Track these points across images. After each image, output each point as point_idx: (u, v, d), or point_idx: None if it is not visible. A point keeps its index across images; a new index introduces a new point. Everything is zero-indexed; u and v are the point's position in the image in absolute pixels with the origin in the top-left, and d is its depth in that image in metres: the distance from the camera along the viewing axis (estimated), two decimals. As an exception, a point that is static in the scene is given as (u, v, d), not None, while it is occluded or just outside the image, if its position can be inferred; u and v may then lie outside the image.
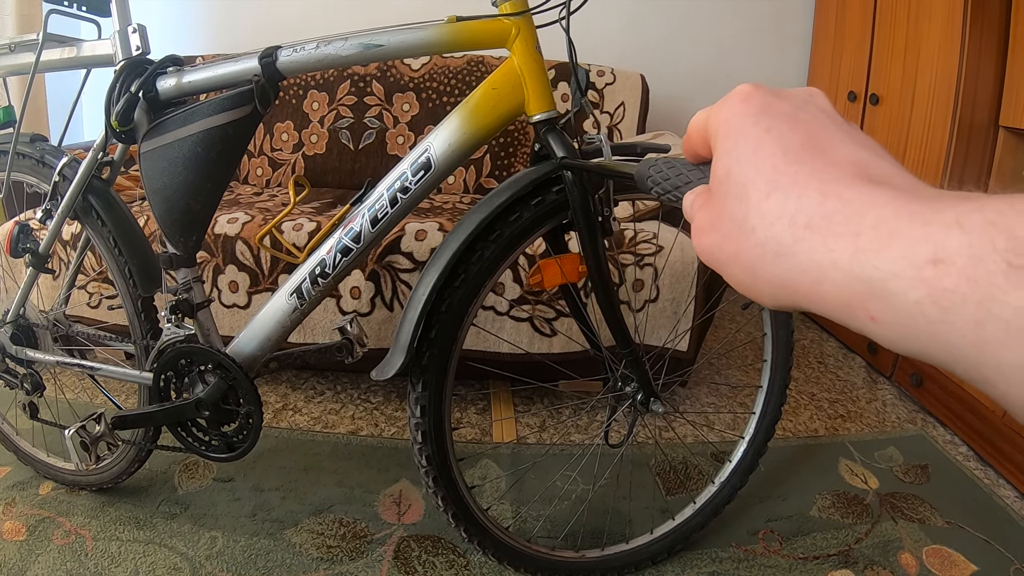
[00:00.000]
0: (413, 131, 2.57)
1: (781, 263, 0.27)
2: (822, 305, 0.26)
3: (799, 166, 0.27)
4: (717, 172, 0.31)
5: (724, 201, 0.30)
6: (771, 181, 0.28)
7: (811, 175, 0.27)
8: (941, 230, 0.22)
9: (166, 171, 1.11)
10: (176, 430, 1.24)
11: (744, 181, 0.29)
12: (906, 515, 1.55)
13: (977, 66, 2.06)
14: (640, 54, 3.00)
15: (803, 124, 0.29)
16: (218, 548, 1.37)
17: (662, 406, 1.21)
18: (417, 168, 1.05)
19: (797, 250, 0.26)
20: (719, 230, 0.30)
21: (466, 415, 1.96)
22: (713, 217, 0.31)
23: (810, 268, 0.26)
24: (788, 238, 0.26)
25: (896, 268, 0.22)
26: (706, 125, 0.34)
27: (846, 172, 0.26)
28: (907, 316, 0.22)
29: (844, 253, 0.24)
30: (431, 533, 1.44)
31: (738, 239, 0.29)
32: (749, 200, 0.28)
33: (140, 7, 1.32)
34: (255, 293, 1.80)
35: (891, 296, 0.23)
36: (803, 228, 0.26)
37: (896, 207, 0.24)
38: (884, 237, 0.23)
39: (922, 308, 0.22)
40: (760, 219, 0.28)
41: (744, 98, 0.31)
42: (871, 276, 0.23)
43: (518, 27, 1.02)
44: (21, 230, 1.36)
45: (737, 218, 0.29)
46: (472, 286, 1.08)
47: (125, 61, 1.15)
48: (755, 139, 0.29)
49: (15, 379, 1.41)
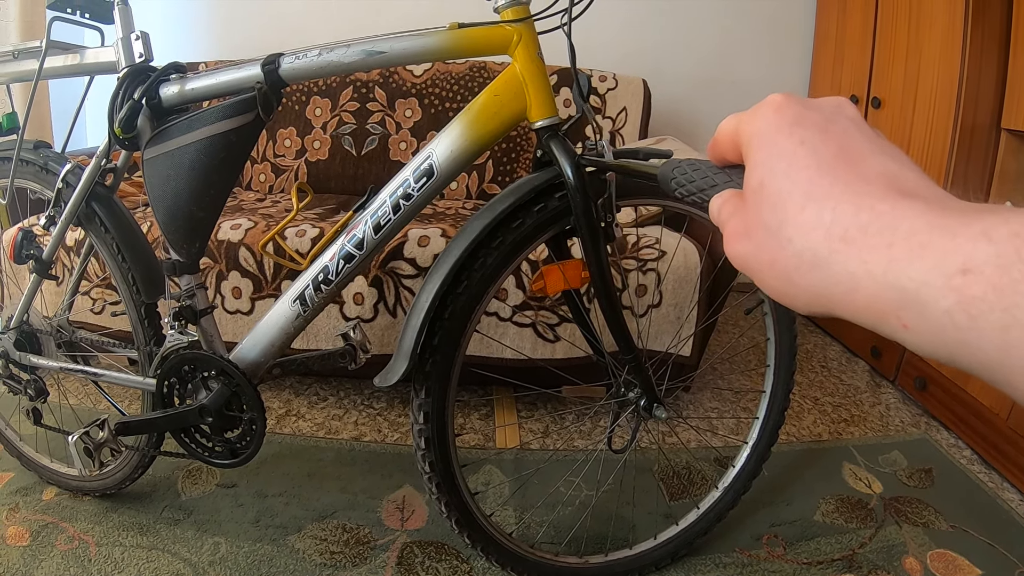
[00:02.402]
0: (416, 137, 2.57)
1: (817, 273, 0.28)
2: (856, 313, 0.27)
3: (833, 179, 0.28)
4: (751, 182, 0.31)
5: (759, 211, 0.31)
6: (806, 193, 0.28)
7: (845, 188, 0.28)
8: (969, 242, 0.23)
9: (169, 178, 1.11)
10: (179, 436, 1.24)
11: (779, 193, 0.29)
12: (910, 519, 1.54)
13: (978, 69, 2.06)
14: (642, 59, 3.01)
15: (835, 136, 0.30)
16: (221, 554, 1.36)
17: (665, 411, 1.21)
18: (419, 175, 1.06)
19: (833, 261, 0.27)
20: (753, 239, 0.31)
21: (469, 421, 1.95)
22: (747, 226, 0.32)
23: (845, 278, 0.27)
24: (824, 250, 0.27)
25: (927, 278, 0.23)
26: (736, 132, 0.34)
27: (878, 185, 0.27)
28: (937, 323, 0.23)
29: (878, 264, 0.25)
30: (434, 539, 1.44)
31: (773, 249, 0.30)
32: (785, 212, 0.29)
33: (143, 14, 1.32)
34: (258, 299, 1.80)
35: (922, 305, 0.24)
36: (839, 240, 0.27)
37: (927, 220, 0.25)
38: (916, 249, 0.24)
39: (952, 316, 0.23)
40: (796, 230, 0.28)
41: (776, 108, 0.32)
42: (904, 286, 0.24)
43: (520, 33, 1.02)
44: (25, 236, 1.36)
45: (772, 228, 0.30)
46: (475, 292, 1.08)
47: (128, 68, 1.15)
48: (789, 151, 0.30)
49: (19, 385, 1.41)
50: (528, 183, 1.07)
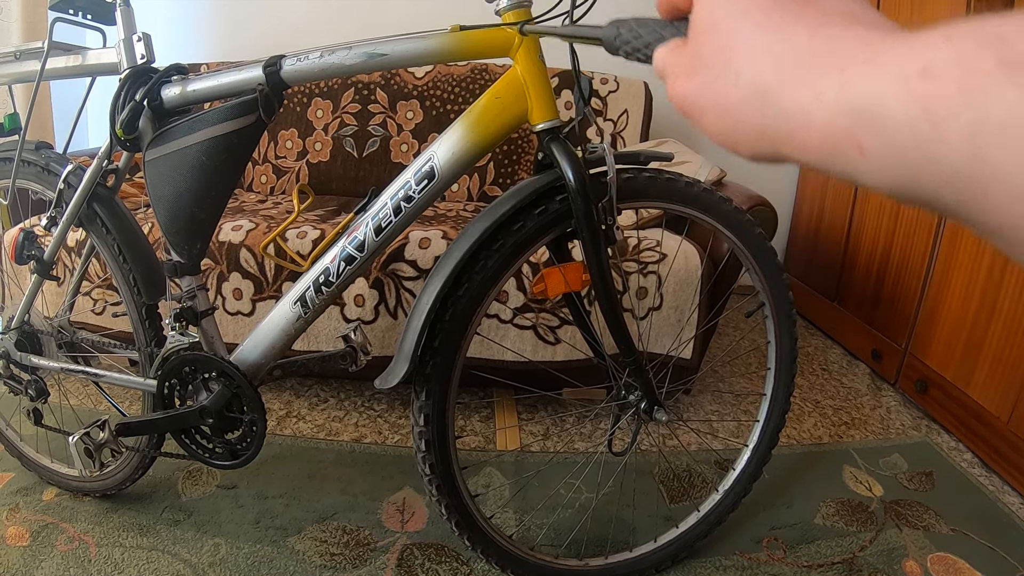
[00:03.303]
0: (417, 139, 2.57)
1: (765, 109, 0.26)
2: (806, 150, 0.25)
3: (786, 11, 0.26)
4: (699, 18, 0.29)
5: (706, 47, 0.29)
6: (759, 24, 0.27)
7: (798, 19, 0.26)
8: (927, 46, 0.21)
9: (171, 179, 1.11)
10: (180, 437, 1.25)
11: (730, 26, 0.28)
12: (911, 522, 1.54)
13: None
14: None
15: None
16: (221, 555, 1.36)
17: (666, 414, 1.21)
18: (421, 177, 1.06)
19: (782, 94, 0.25)
20: (698, 76, 0.29)
21: (470, 423, 1.95)
22: (692, 64, 0.30)
23: (795, 111, 0.25)
24: (774, 81, 0.26)
25: (884, 89, 0.22)
26: None
27: (834, 17, 0.26)
28: (897, 139, 0.22)
29: (830, 89, 0.24)
30: (434, 541, 1.44)
31: (719, 86, 0.28)
32: (734, 45, 0.27)
33: (144, 15, 1.32)
34: (259, 301, 1.80)
35: (880, 120, 0.22)
36: (789, 69, 0.25)
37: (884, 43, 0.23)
38: (872, 64, 0.23)
39: (913, 128, 0.21)
40: (745, 62, 0.27)
41: None
42: (859, 105, 0.23)
43: (521, 36, 1.02)
44: (26, 237, 1.37)
45: (719, 63, 0.28)
46: (476, 295, 1.08)
47: (130, 69, 1.15)
48: None
49: (20, 385, 1.41)
50: (529, 186, 1.07)
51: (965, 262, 2.09)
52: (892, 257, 2.46)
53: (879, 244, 2.55)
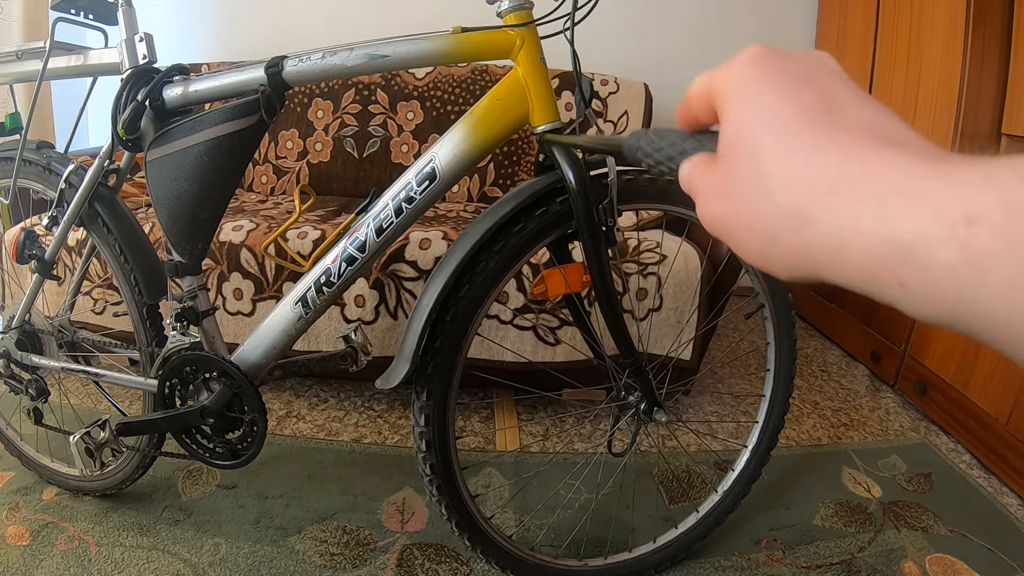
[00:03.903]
0: (417, 140, 2.58)
1: (802, 230, 0.26)
2: (844, 273, 0.25)
3: (816, 129, 0.26)
4: (727, 137, 0.29)
5: (736, 166, 0.29)
6: (789, 144, 0.26)
7: (831, 139, 0.26)
8: (971, 188, 0.20)
9: (172, 179, 1.11)
10: (180, 437, 1.25)
11: (760, 146, 0.27)
12: (909, 524, 1.54)
13: (979, 74, 2.07)
14: (643, 63, 3.01)
15: (816, 87, 0.28)
16: (221, 555, 1.37)
17: (665, 415, 1.22)
18: (422, 178, 1.06)
19: (819, 216, 0.25)
20: (729, 197, 0.29)
21: (470, 424, 1.96)
22: (723, 184, 0.30)
23: (832, 235, 0.25)
24: (809, 204, 0.25)
25: (926, 229, 0.21)
26: (710, 89, 0.32)
27: (865, 136, 0.25)
28: (938, 279, 0.21)
29: (869, 217, 0.23)
30: (434, 541, 1.44)
31: (752, 206, 0.28)
32: (766, 165, 0.27)
33: (146, 15, 1.32)
34: (259, 301, 1.80)
35: (921, 259, 0.22)
36: (826, 193, 0.25)
37: (921, 168, 0.23)
38: (911, 198, 0.22)
39: (954, 270, 0.21)
40: (778, 184, 0.26)
41: (753, 59, 0.30)
42: (899, 239, 0.22)
43: (522, 38, 1.03)
44: (27, 236, 1.37)
45: (752, 184, 0.28)
46: (476, 296, 1.09)
47: (131, 69, 1.15)
48: (769, 103, 0.28)
49: (20, 385, 1.42)
50: (530, 187, 1.08)
51: (964, 264, 2.09)
52: (891, 259, 2.46)
53: (878, 246, 2.55)
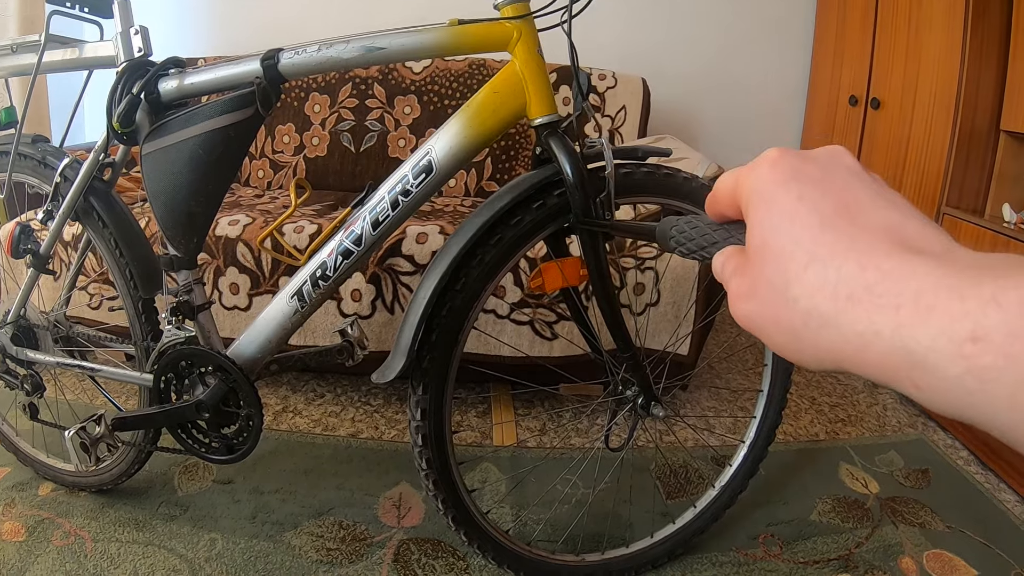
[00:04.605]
0: (414, 134, 2.57)
1: (825, 332, 0.28)
2: (866, 370, 0.27)
3: (835, 234, 0.28)
4: (753, 241, 0.31)
5: (762, 270, 0.30)
6: (809, 252, 0.28)
7: (848, 244, 0.27)
8: (979, 307, 0.23)
9: (167, 173, 1.11)
10: (176, 432, 1.24)
11: (782, 251, 0.29)
12: (907, 519, 1.54)
13: (978, 70, 2.06)
14: (642, 58, 3.00)
15: (833, 189, 0.30)
16: (218, 550, 1.36)
17: (662, 410, 1.21)
18: (418, 171, 1.05)
19: (840, 321, 0.27)
20: (758, 298, 0.31)
21: (466, 418, 1.95)
22: (752, 285, 0.31)
23: (853, 338, 0.26)
24: (830, 309, 0.27)
25: (936, 343, 0.23)
26: (735, 189, 0.34)
27: (881, 239, 0.27)
28: (948, 386, 0.23)
29: (886, 325, 0.25)
30: (431, 536, 1.44)
31: (779, 308, 0.30)
32: (788, 271, 0.29)
33: (142, 8, 1.32)
34: (256, 295, 1.80)
35: (932, 368, 0.24)
36: (845, 300, 0.27)
37: (934, 279, 0.24)
38: (924, 311, 0.24)
39: (962, 381, 0.23)
40: (802, 289, 0.28)
41: (773, 164, 0.31)
42: (913, 349, 0.24)
43: (520, 30, 1.02)
44: (22, 231, 1.36)
45: (777, 288, 0.29)
46: (473, 290, 1.08)
47: (127, 63, 1.15)
48: (789, 208, 0.30)
49: (15, 380, 1.41)
50: (527, 180, 1.07)
51: (962, 260, 2.09)
52: (889, 254, 2.46)
53: (876, 241, 2.55)
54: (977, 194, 2.16)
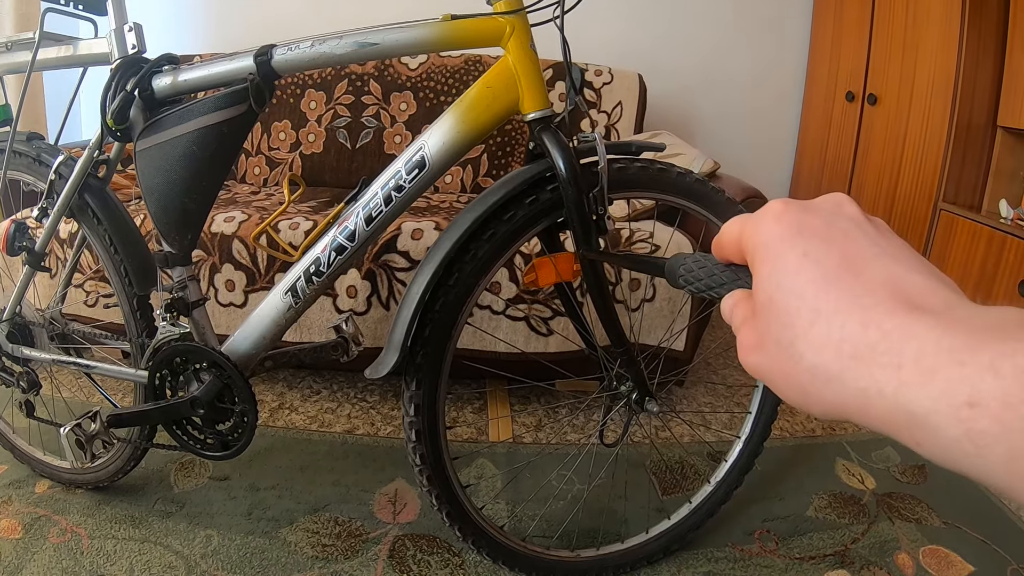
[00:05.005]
0: (411, 130, 2.57)
1: (830, 387, 0.28)
2: (871, 424, 0.28)
3: (839, 291, 0.29)
4: (760, 296, 0.32)
5: (769, 325, 0.31)
6: (814, 309, 0.29)
7: (851, 301, 0.28)
8: (977, 373, 0.23)
9: (161, 169, 1.11)
10: (171, 428, 1.24)
11: (787, 309, 0.30)
12: (903, 515, 1.55)
13: (975, 66, 2.06)
14: (638, 54, 3.00)
15: (837, 243, 0.30)
16: (214, 547, 1.36)
17: (657, 405, 1.21)
18: (411, 167, 1.05)
19: (845, 378, 0.28)
20: (766, 352, 0.32)
21: (462, 414, 1.96)
22: (759, 338, 0.32)
23: (857, 394, 0.27)
24: (835, 366, 0.28)
25: (936, 406, 0.24)
26: (740, 239, 0.35)
27: (883, 296, 0.28)
28: (946, 447, 0.24)
29: (888, 384, 0.26)
30: (426, 532, 1.44)
31: (786, 363, 0.30)
32: (795, 327, 0.30)
33: (137, 5, 1.32)
34: (252, 292, 1.80)
35: (932, 429, 0.25)
36: (849, 358, 0.27)
37: (935, 339, 0.25)
38: (925, 373, 0.25)
39: (960, 443, 0.24)
40: (807, 347, 0.29)
41: (777, 218, 0.32)
42: (914, 410, 0.25)
43: (512, 25, 1.02)
44: (17, 228, 1.36)
45: (784, 343, 0.30)
46: (466, 285, 1.08)
47: (121, 59, 1.15)
48: (794, 265, 0.30)
49: (11, 377, 1.41)
50: (520, 175, 1.07)
51: (960, 255, 2.09)
52: (886, 250, 2.46)
53: (873, 237, 2.55)
54: (974, 190, 2.16)
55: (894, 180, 2.45)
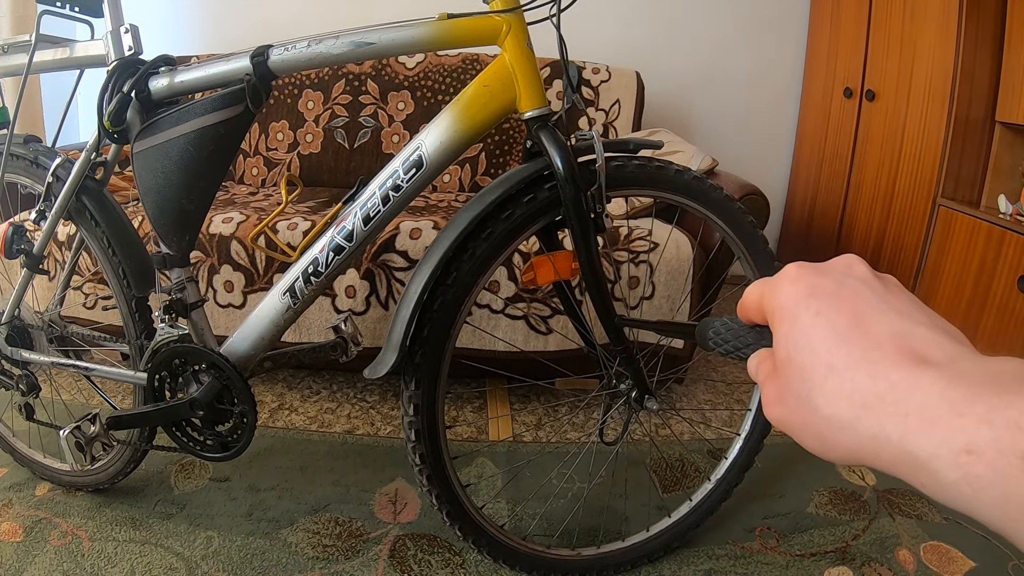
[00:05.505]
0: (408, 130, 2.57)
1: (845, 435, 0.31)
2: (881, 467, 0.30)
3: (849, 347, 0.31)
4: (779, 355, 0.35)
5: (789, 380, 0.34)
6: (828, 365, 0.32)
7: (860, 356, 0.31)
8: (974, 423, 0.26)
9: (159, 171, 1.11)
10: (171, 430, 1.24)
11: (803, 365, 0.33)
12: (904, 511, 1.55)
13: (973, 61, 2.06)
14: (636, 51, 3.00)
15: (847, 301, 0.33)
16: (214, 548, 1.36)
17: (656, 403, 1.21)
18: (409, 166, 1.05)
19: (857, 426, 0.30)
20: (787, 405, 0.35)
21: (462, 413, 1.96)
22: (780, 392, 0.35)
23: (868, 441, 0.30)
24: (848, 416, 0.30)
25: (937, 452, 0.27)
26: (760, 302, 0.38)
27: (890, 351, 0.30)
28: (947, 489, 0.27)
29: (895, 431, 0.28)
30: (427, 532, 1.44)
31: (805, 414, 0.33)
32: (811, 382, 0.32)
33: (132, 7, 1.32)
34: (250, 293, 1.80)
35: (933, 473, 0.27)
36: (860, 407, 0.30)
37: (937, 391, 0.28)
38: (927, 422, 0.27)
39: (958, 486, 0.26)
40: (823, 399, 0.32)
41: (792, 281, 0.35)
42: (917, 455, 0.27)
43: (509, 24, 1.02)
44: (16, 231, 1.36)
45: (802, 396, 0.33)
46: (464, 284, 1.08)
47: (117, 61, 1.15)
48: (807, 325, 0.33)
49: (11, 380, 1.41)
50: (517, 174, 1.07)
51: (959, 252, 2.09)
52: (885, 247, 2.46)
53: (872, 233, 2.55)
54: (973, 185, 2.16)
55: (893, 176, 2.44)
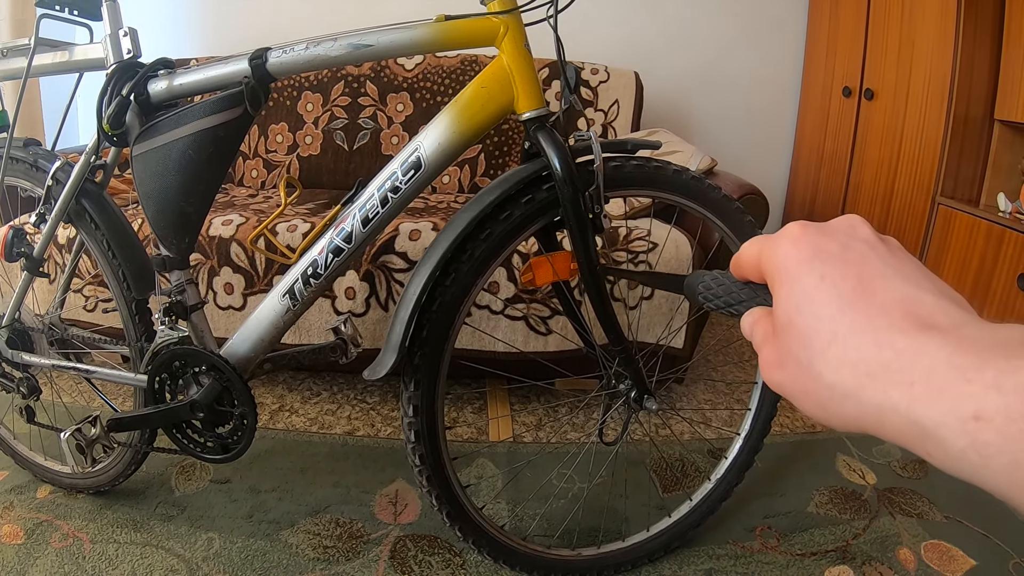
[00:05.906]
0: (407, 131, 2.57)
1: (849, 404, 0.30)
2: (886, 436, 0.30)
3: (854, 313, 0.30)
4: (779, 317, 0.34)
5: (789, 345, 0.33)
6: (831, 331, 0.31)
7: (866, 323, 0.30)
8: (982, 390, 0.25)
9: (158, 173, 1.11)
10: (171, 432, 1.24)
11: (806, 330, 0.32)
12: (904, 510, 1.55)
13: (972, 60, 2.06)
14: (634, 52, 3.00)
15: (852, 264, 0.32)
16: (215, 549, 1.37)
17: (656, 403, 1.21)
18: (407, 167, 1.06)
19: (861, 395, 0.29)
20: (787, 370, 0.34)
21: (462, 414, 1.96)
22: (780, 356, 0.34)
23: (873, 410, 0.29)
24: (852, 384, 0.30)
25: (944, 419, 0.26)
26: (759, 259, 0.36)
27: (896, 317, 0.30)
28: (954, 458, 0.26)
29: (901, 400, 0.28)
30: (427, 533, 1.44)
31: (806, 381, 0.32)
32: (813, 348, 0.31)
33: (131, 10, 1.32)
34: (250, 295, 1.80)
35: (940, 441, 0.26)
36: (864, 376, 0.29)
37: (944, 358, 0.27)
38: (934, 390, 0.27)
39: (966, 454, 0.26)
40: (825, 366, 0.31)
41: (795, 241, 0.34)
42: (924, 424, 0.27)
43: (506, 25, 1.02)
44: (16, 234, 1.36)
45: (803, 362, 0.32)
46: (463, 285, 1.08)
47: (116, 64, 1.15)
48: (811, 288, 0.32)
49: (11, 383, 1.41)
50: (516, 175, 1.07)
51: (958, 250, 2.09)
52: (885, 245, 2.46)
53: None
54: (972, 184, 2.16)
55: (892, 175, 2.45)
